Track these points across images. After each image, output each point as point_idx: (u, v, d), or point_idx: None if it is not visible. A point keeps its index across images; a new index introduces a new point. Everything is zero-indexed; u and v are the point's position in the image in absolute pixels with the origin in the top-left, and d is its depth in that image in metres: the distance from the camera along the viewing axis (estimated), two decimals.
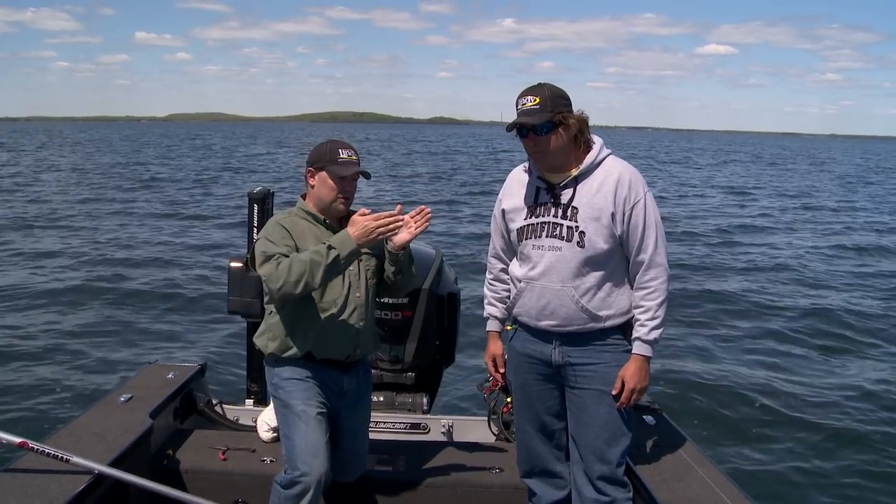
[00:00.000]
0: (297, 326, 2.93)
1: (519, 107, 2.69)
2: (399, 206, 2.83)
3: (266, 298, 2.99)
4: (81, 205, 21.35)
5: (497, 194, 2.98)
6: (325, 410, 2.95)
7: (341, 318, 2.94)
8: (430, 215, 2.88)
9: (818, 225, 21.09)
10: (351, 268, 2.92)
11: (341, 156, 2.90)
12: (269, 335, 2.99)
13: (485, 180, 31.65)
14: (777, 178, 40.91)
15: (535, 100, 2.67)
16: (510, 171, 2.98)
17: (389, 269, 3.02)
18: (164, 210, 20.55)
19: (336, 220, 3.00)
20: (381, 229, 2.75)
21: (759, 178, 40.81)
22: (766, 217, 22.63)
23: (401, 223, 2.80)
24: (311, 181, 2.97)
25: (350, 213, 3.02)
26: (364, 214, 2.79)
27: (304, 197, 3.04)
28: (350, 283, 2.95)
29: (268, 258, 2.82)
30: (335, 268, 2.77)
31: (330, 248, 2.74)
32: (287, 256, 2.80)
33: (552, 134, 2.67)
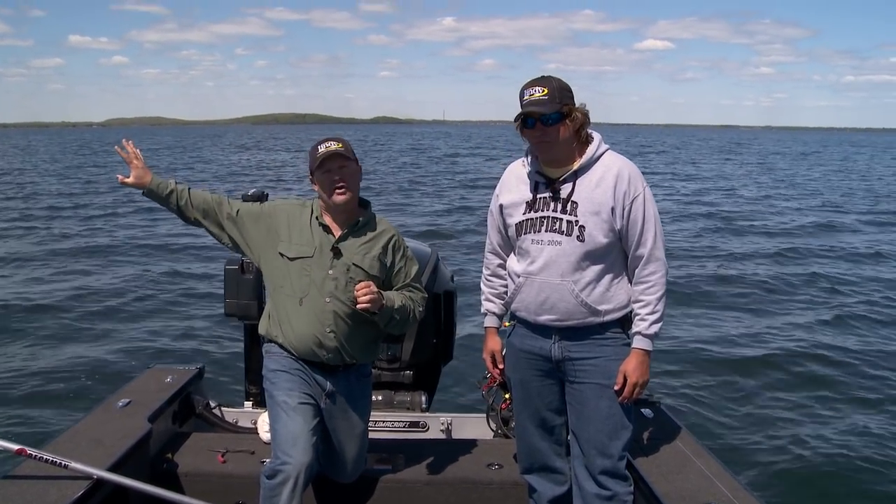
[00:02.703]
0: (274, 312, 3.06)
1: (525, 97, 2.70)
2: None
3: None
4: (71, 206, 21.32)
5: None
6: (309, 402, 2.99)
7: (302, 317, 2.97)
8: (366, 298, 2.87)
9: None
10: (330, 272, 2.96)
11: (319, 151, 2.96)
12: (264, 314, 3.15)
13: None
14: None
15: (543, 90, 2.68)
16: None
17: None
18: (157, 213, 20.50)
19: (340, 219, 3.02)
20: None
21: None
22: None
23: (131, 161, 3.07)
24: (315, 188, 3.05)
25: (363, 210, 3.08)
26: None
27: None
28: (318, 286, 2.96)
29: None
30: (159, 195, 3.10)
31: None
32: (227, 206, 3.12)
33: (560, 124, 2.69)
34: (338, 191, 2.95)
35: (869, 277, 12.59)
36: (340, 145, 2.96)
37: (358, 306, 2.89)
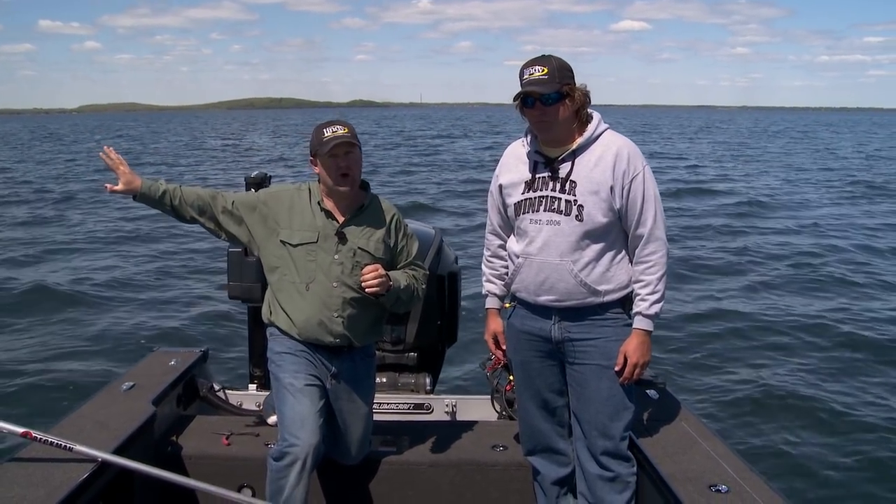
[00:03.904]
0: (275, 300, 3.04)
1: (525, 77, 2.67)
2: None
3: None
4: (73, 189, 21.34)
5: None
6: (315, 384, 2.98)
7: (308, 303, 2.96)
8: (374, 282, 2.88)
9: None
10: (336, 257, 2.95)
11: (325, 135, 2.91)
12: (265, 302, 3.12)
13: None
14: None
15: (542, 70, 2.66)
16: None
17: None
18: None
19: (343, 205, 3.00)
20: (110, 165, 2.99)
21: None
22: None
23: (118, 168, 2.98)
24: (315, 170, 3.01)
25: (364, 194, 3.05)
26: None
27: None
28: (325, 271, 2.95)
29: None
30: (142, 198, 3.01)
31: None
32: (224, 199, 3.07)
33: (560, 104, 2.66)
34: (343, 177, 2.93)
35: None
36: (347, 130, 2.92)
37: (366, 291, 2.89)
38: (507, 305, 3.03)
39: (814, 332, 8.34)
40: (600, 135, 2.74)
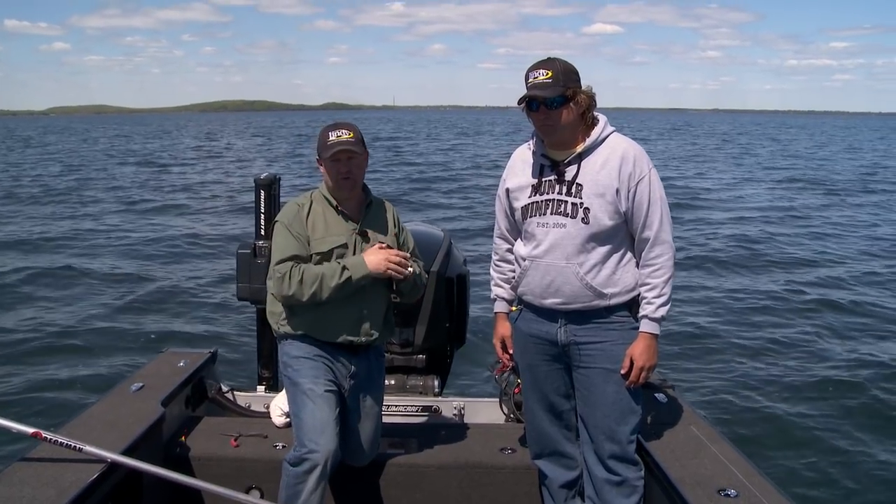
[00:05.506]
0: (294, 307, 3.00)
1: (530, 80, 2.67)
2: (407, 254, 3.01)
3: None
4: (84, 192, 21.45)
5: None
6: (333, 389, 2.99)
7: (340, 304, 2.96)
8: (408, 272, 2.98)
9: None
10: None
11: (329, 139, 2.95)
12: (272, 311, 3.10)
13: None
14: None
15: (547, 73, 2.65)
16: None
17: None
18: (170, 196, 20.58)
19: (352, 205, 3.04)
20: (393, 271, 2.92)
21: None
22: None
23: (409, 267, 2.97)
24: (321, 170, 3.05)
25: (366, 195, 3.09)
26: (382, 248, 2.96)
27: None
28: None
29: (283, 260, 2.91)
30: (345, 288, 2.91)
31: (344, 268, 2.89)
32: (301, 258, 2.91)
33: (564, 108, 2.66)
34: (344, 181, 2.97)
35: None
36: (351, 135, 2.95)
37: (398, 269, 2.94)
38: (514, 309, 3.02)
39: (828, 337, 8.29)
40: (606, 137, 2.74)
